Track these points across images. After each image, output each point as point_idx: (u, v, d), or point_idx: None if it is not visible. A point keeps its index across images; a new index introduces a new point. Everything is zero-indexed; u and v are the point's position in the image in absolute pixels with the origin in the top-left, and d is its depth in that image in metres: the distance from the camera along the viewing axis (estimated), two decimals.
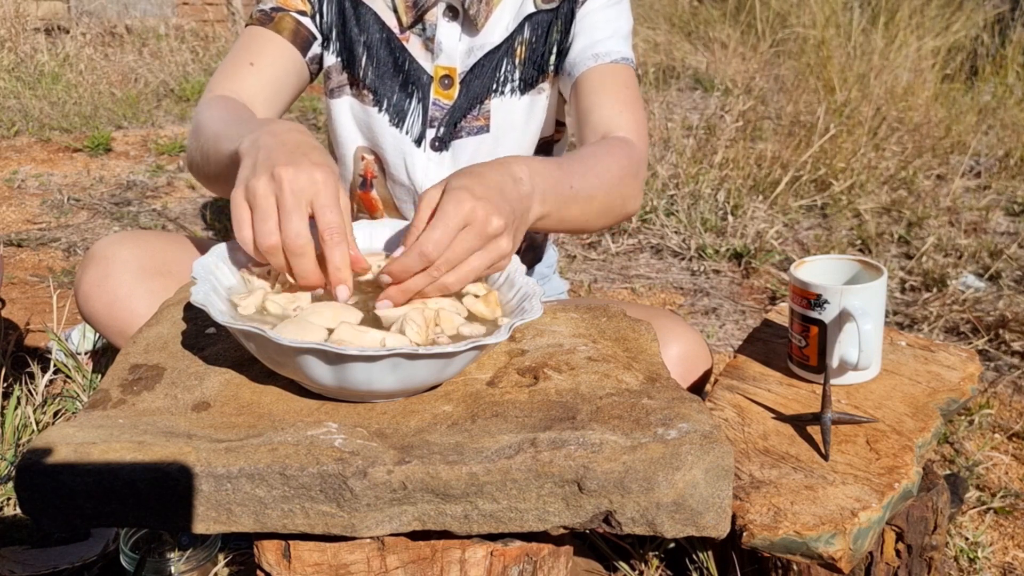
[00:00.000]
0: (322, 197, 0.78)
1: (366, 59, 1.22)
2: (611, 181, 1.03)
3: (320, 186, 0.78)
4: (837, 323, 1.03)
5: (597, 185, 1.00)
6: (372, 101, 1.23)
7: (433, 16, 1.20)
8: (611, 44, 1.17)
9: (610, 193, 1.03)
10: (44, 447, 0.68)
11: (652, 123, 3.37)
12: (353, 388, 0.73)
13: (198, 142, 1.05)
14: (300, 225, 0.77)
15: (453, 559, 0.72)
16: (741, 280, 2.33)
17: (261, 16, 1.20)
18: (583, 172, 0.99)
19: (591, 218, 1.02)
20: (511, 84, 1.22)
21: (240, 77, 1.17)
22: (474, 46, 1.21)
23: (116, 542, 1.08)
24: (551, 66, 1.22)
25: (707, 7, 5.48)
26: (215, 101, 1.11)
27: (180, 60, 4.80)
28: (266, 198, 0.78)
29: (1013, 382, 1.76)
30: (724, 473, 0.70)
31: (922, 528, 0.93)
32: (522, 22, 1.21)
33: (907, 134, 3.25)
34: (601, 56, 1.16)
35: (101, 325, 1.10)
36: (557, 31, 1.20)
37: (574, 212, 0.97)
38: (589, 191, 0.99)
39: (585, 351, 0.86)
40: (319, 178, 0.78)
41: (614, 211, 1.06)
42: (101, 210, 2.83)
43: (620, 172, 1.05)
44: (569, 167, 0.98)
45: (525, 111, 1.23)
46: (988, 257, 2.38)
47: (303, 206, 0.78)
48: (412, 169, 1.23)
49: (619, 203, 1.05)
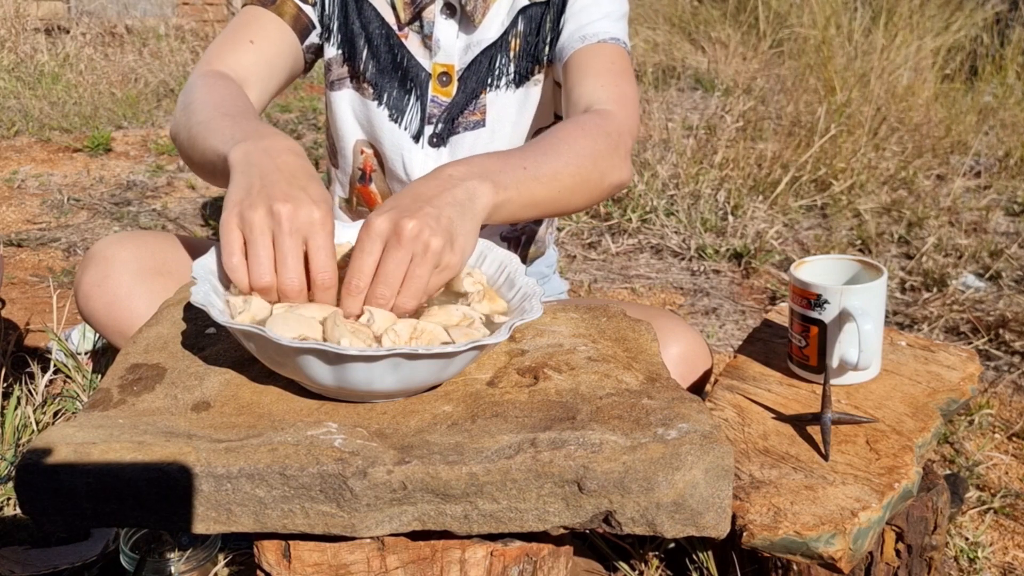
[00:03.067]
0: (319, 239, 0.78)
1: (367, 53, 1.22)
2: (580, 156, 0.99)
3: (317, 227, 0.78)
4: (837, 323, 1.03)
5: (563, 163, 0.97)
6: (372, 95, 1.23)
7: (431, 13, 1.20)
8: (600, 25, 1.16)
9: (581, 168, 0.99)
10: (44, 447, 0.68)
11: (652, 123, 3.37)
12: (353, 388, 0.73)
13: (187, 121, 1.03)
14: (296, 269, 0.77)
15: (453, 559, 0.72)
16: (741, 280, 2.33)
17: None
18: (541, 152, 0.96)
19: (566, 196, 0.98)
20: (506, 78, 1.22)
21: (239, 53, 1.15)
22: (471, 43, 1.21)
23: (116, 542, 1.08)
24: (545, 56, 1.22)
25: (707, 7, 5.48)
26: (211, 78, 1.09)
27: (180, 60, 4.80)
28: (263, 235, 0.78)
29: (1013, 382, 1.76)
30: (724, 473, 0.70)
31: (922, 528, 0.93)
32: (516, 16, 1.21)
33: (907, 134, 3.25)
34: (588, 37, 1.15)
35: (101, 325, 1.10)
36: (550, 21, 1.20)
37: (540, 192, 0.94)
38: (552, 170, 0.95)
39: (585, 351, 0.86)
40: (317, 218, 0.78)
41: (593, 186, 1.01)
42: (101, 210, 2.83)
43: (592, 146, 1.01)
44: (523, 151, 0.96)
45: (519, 103, 1.23)
46: (988, 257, 2.38)
47: (300, 247, 0.78)
48: (410, 165, 1.24)
49: (596, 177, 1.01)
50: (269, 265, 0.77)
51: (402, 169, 1.24)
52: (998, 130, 3.44)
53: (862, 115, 3.16)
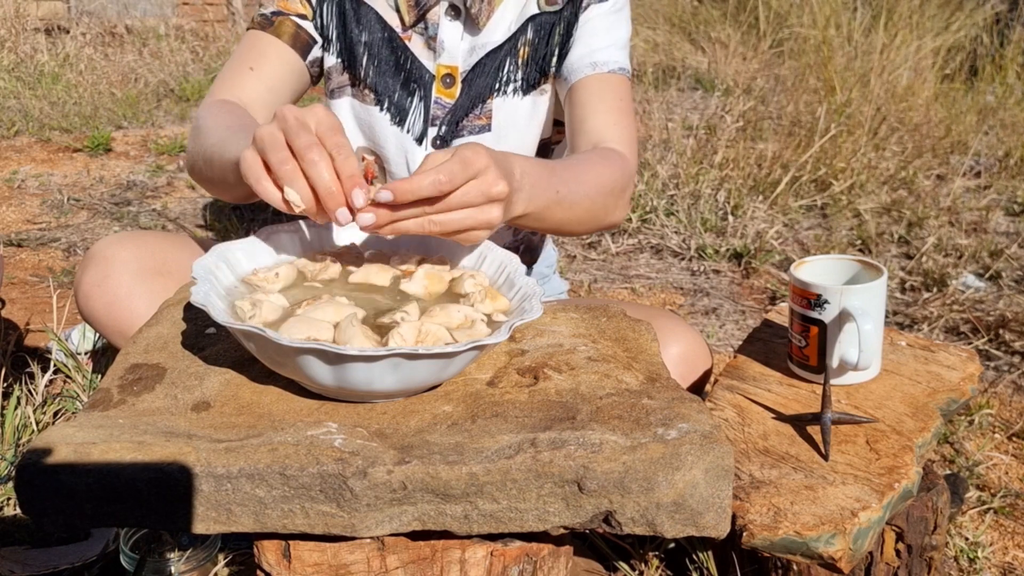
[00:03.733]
0: (324, 125, 0.79)
1: (367, 58, 1.22)
2: (598, 191, 1.04)
3: (322, 116, 0.80)
4: (837, 323, 1.03)
5: (584, 193, 1.01)
6: (373, 100, 1.23)
7: (435, 15, 1.20)
8: (609, 53, 1.18)
9: (595, 203, 1.04)
10: (44, 447, 0.68)
11: (652, 123, 3.37)
12: (353, 388, 0.73)
13: (200, 146, 1.05)
14: (310, 138, 0.78)
15: (453, 559, 0.72)
16: (741, 280, 2.33)
17: (262, 20, 1.21)
18: (572, 179, 1.00)
19: (571, 224, 1.03)
20: (514, 84, 1.22)
21: (240, 81, 1.18)
22: (476, 45, 1.21)
23: (116, 542, 1.08)
24: (552, 67, 1.22)
25: (707, 7, 5.48)
26: (217, 106, 1.12)
27: (180, 60, 4.80)
28: (272, 135, 0.79)
29: (1013, 382, 1.76)
30: (724, 473, 0.70)
31: (922, 528, 0.93)
32: (525, 23, 1.21)
33: (907, 134, 3.25)
34: (599, 65, 1.17)
35: (101, 325, 1.10)
36: (559, 34, 1.21)
37: (556, 216, 0.98)
38: (574, 198, 0.99)
39: (585, 351, 0.86)
40: (320, 111, 0.80)
41: (595, 220, 1.07)
42: (101, 210, 2.83)
43: (610, 184, 1.06)
44: (561, 172, 0.99)
45: (528, 111, 1.23)
46: (988, 257, 2.38)
47: (310, 128, 0.79)
48: (413, 167, 1.23)
49: (602, 214, 1.07)
50: (286, 153, 0.78)
51: (406, 172, 1.24)
52: (998, 130, 3.44)
53: (862, 115, 3.16)
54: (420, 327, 0.77)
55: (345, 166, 0.78)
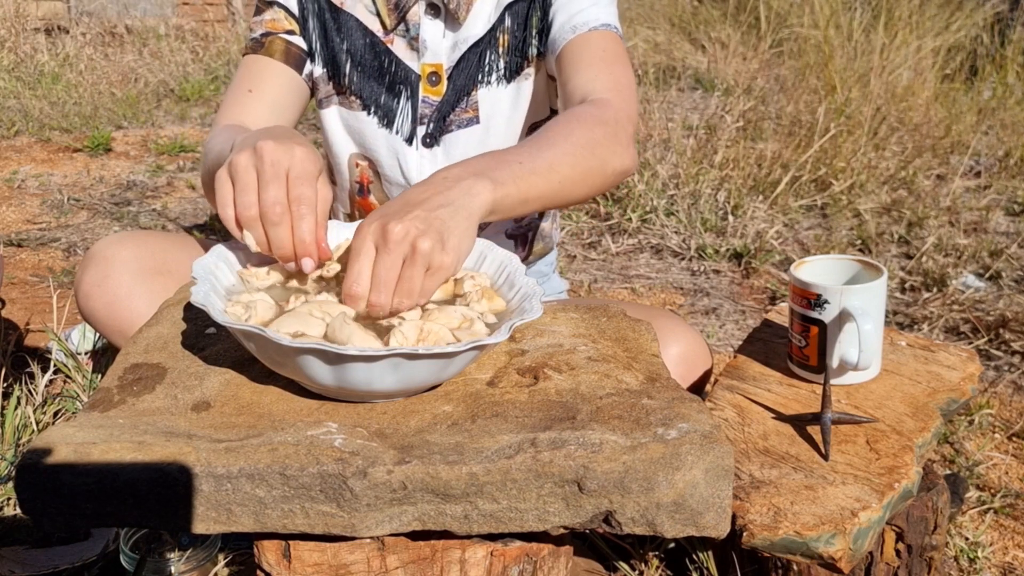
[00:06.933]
0: (297, 169, 0.80)
1: (350, 65, 1.24)
2: (577, 146, 0.99)
3: (297, 159, 0.81)
4: (837, 323, 1.03)
5: (559, 154, 0.97)
6: (360, 106, 1.25)
7: (415, 15, 1.21)
8: (589, 13, 1.16)
9: (579, 158, 0.99)
10: (44, 447, 0.68)
11: (652, 123, 3.37)
12: (353, 388, 0.73)
13: (206, 166, 1.07)
14: (278, 194, 0.80)
15: (453, 559, 0.72)
16: (741, 280, 2.33)
17: (253, 44, 1.24)
18: (536, 146, 0.96)
19: (568, 187, 0.98)
20: (497, 73, 1.23)
21: (241, 105, 1.20)
22: (458, 40, 1.22)
23: (116, 542, 1.08)
24: (533, 49, 1.22)
25: (707, 7, 5.48)
26: (222, 130, 1.13)
27: (180, 60, 4.80)
28: (247, 171, 0.81)
29: (1013, 382, 1.76)
30: (724, 473, 0.70)
31: (922, 528, 0.93)
32: (503, 12, 1.22)
33: (907, 134, 3.25)
34: (579, 27, 1.15)
35: (101, 325, 1.10)
36: (536, 16, 1.21)
37: (539, 185, 0.93)
38: (547, 162, 0.95)
39: (585, 351, 0.86)
40: (297, 152, 0.81)
41: (596, 175, 1.01)
42: (101, 210, 2.83)
43: (588, 135, 1.01)
44: (518, 147, 0.96)
45: (511, 99, 1.24)
46: (988, 257, 2.38)
47: (282, 176, 0.80)
48: (406, 168, 1.24)
49: (597, 165, 1.01)
50: (253, 197, 0.80)
51: (400, 174, 1.25)
52: (998, 130, 3.44)
53: (862, 115, 3.16)
54: (422, 327, 0.77)
55: (299, 227, 0.81)
